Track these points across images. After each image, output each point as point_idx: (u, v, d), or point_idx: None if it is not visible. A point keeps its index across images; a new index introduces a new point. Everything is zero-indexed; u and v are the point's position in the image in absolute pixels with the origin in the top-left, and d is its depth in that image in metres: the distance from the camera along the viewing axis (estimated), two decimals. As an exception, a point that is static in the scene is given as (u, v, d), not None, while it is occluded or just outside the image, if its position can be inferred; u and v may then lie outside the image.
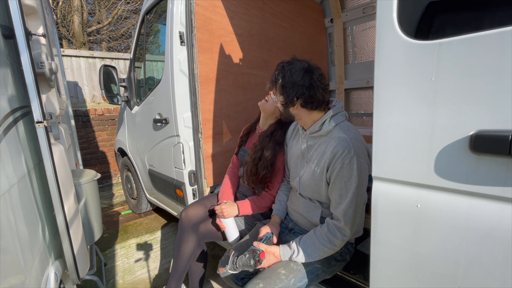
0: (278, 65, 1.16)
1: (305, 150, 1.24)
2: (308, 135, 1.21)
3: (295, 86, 1.10)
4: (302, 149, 1.26)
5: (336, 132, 1.12)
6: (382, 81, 0.76)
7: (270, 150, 1.46)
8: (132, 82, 2.57)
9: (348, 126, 1.14)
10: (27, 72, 1.02)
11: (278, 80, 1.13)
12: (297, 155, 1.30)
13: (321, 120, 1.15)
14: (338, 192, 1.09)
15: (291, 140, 1.40)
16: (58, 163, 1.17)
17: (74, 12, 6.32)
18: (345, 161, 1.05)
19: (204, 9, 1.76)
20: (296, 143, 1.33)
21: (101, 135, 4.43)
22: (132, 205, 3.30)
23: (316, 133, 1.17)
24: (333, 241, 1.11)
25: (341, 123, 1.14)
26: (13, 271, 0.84)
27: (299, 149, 1.28)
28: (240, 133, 1.76)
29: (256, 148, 1.50)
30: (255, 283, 1.08)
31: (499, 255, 0.63)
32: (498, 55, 0.58)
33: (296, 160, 1.31)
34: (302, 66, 1.11)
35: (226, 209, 1.51)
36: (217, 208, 1.55)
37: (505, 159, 0.59)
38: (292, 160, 1.35)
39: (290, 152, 1.38)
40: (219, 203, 1.59)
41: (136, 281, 2.08)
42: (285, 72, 1.11)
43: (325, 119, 1.14)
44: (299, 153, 1.28)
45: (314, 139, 1.20)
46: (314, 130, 1.17)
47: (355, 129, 1.14)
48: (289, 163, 1.39)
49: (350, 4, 2.76)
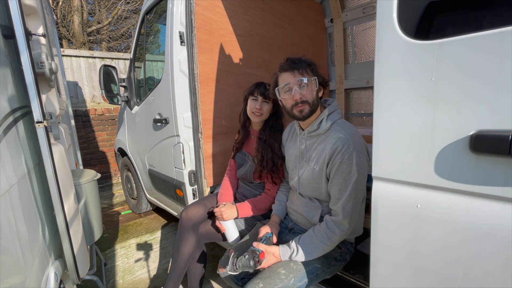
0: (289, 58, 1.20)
1: (304, 150, 1.25)
2: (307, 135, 1.22)
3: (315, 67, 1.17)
4: (301, 149, 1.27)
5: (334, 129, 1.14)
6: (382, 81, 0.76)
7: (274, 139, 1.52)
8: (132, 82, 2.57)
9: (345, 123, 1.17)
10: (27, 72, 1.02)
11: (304, 62, 1.16)
12: (296, 155, 1.31)
13: (318, 119, 1.17)
14: (337, 187, 1.10)
15: (288, 141, 1.41)
16: (58, 163, 1.17)
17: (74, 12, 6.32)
18: (344, 156, 1.07)
19: (204, 9, 1.76)
20: (293, 144, 1.34)
21: (101, 135, 4.43)
22: (132, 205, 3.30)
23: (314, 132, 1.18)
24: (332, 238, 1.11)
25: (338, 121, 1.17)
26: (13, 271, 0.84)
27: (297, 150, 1.29)
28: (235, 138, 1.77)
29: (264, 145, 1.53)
30: (255, 283, 1.08)
31: (499, 255, 0.63)
32: (498, 55, 0.58)
33: (295, 160, 1.31)
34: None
35: (225, 212, 1.51)
36: (216, 210, 1.55)
37: (505, 159, 0.59)
38: (291, 161, 1.35)
39: (288, 153, 1.39)
40: (218, 205, 1.59)
41: (136, 281, 2.08)
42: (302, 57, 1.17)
43: (322, 117, 1.17)
44: (298, 154, 1.29)
45: (312, 138, 1.22)
46: (312, 129, 1.19)
47: (352, 125, 1.17)
48: (288, 165, 1.40)
49: (350, 4, 2.76)
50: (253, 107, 1.54)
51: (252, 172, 1.63)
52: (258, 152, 1.55)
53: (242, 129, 1.70)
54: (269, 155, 1.51)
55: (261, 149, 1.53)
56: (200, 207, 1.69)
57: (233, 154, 1.76)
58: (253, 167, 1.62)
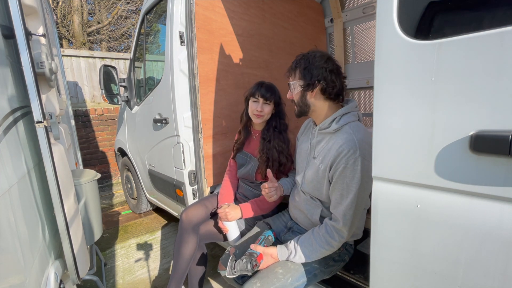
0: (298, 56, 1.17)
1: (313, 145, 1.23)
2: (318, 131, 1.20)
3: (318, 68, 1.10)
4: (311, 144, 1.25)
5: (344, 131, 1.09)
6: (382, 81, 0.76)
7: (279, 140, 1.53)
8: (132, 82, 2.57)
9: (358, 126, 1.10)
10: (27, 72, 1.02)
11: (300, 64, 1.14)
12: (306, 150, 1.29)
13: (332, 117, 1.13)
14: (339, 192, 1.08)
15: (302, 135, 1.39)
16: (58, 163, 1.17)
17: (74, 12, 6.32)
18: (349, 161, 1.03)
19: (204, 9, 1.76)
20: (306, 138, 1.33)
21: (101, 135, 4.43)
22: (132, 205, 3.30)
23: (325, 129, 1.15)
24: (331, 243, 1.11)
25: (352, 123, 1.11)
26: (13, 271, 0.84)
27: (308, 144, 1.28)
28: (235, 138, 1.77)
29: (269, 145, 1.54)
30: (252, 282, 1.09)
31: (499, 255, 0.62)
32: (498, 55, 0.58)
33: (305, 155, 1.30)
34: (324, 54, 1.14)
35: (230, 212, 1.51)
36: (220, 211, 1.54)
37: (505, 159, 0.59)
38: (301, 155, 1.34)
39: (300, 147, 1.37)
40: (220, 206, 1.58)
41: (136, 281, 2.08)
42: (309, 57, 1.13)
43: (335, 116, 1.13)
44: (308, 148, 1.28)
45: (322, 135, 1.19)
46: (323, 127, 1.16)
47: (365, 130, 1.10)
48: (298, 158, 1.39)
49: (350, 4, 2.76)
50: (254, 109, 1.54)
51: (254, 172, 1.63)
52: (263, 153, 1.54)
53: (243, 129, 1.70)
54: (274, 155, 1.51)
55: (266, 150, 1.54)
56: (200, 208, 1.68)
57: (234, 155, 1.76)
58: (255, 167, 1.62)
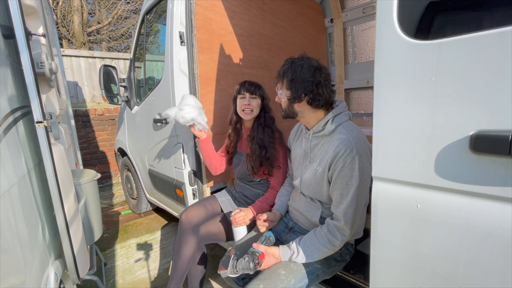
0: (287, 60, 1.16)
1: (309, 149, 1.24)
2: (312, 135, 1.21)
3: (304, 82, 1.10)
4: (305, 149, 1.26)
5: (338, 131, 1.12)
6: (382, 81, 0.76)
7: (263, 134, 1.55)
8: (132, 82, 2.57)
9: (351, 125, 1.13)
10: (27, 72, 1.02)
11: (288, 74, 1.13)
12: (301, 155, 1.30)
13: (324, 119, 1.15)
14: (339, 192, 1.09)
15: (295, 140, 1.40)
16: (58, 163, 1.17)
17: (74, 12, 6.32)
18: (346, 160, 1.05)
19: (204, 9, 1.76)
20: (299, 143, 1.33)
21: (101, 135, 4.43)
22: (132, 205, 3.30)
23: (319, 132, 1.17)
24: (333, 242, 1.11)
25: (344, 123, 1.14)
26: (13, 271, 0.84)
27: (303, 149, 1.29)
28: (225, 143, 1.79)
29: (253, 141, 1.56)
30: (255, 284, 1.08)
31: (499, 255, 0.62)
32: (498, 55, 0.58)
33: (300, 160, 1.31)
34: (312, 64, 1.12)
35: (247, 216, 1.49)
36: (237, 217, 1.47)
37: (505, 159, 0.59)
38: (296, 160, 1.35)
39: (294, 152, 1.38)
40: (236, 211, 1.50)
41: (136, 281, 2.08)
42: (296, 67, 1.11)
43: (328, 118, 1.14)
44: (303, 153, 1.29)
45: (317, 139, 1.20)
46: (317, 130, 1.17)
47: (358, 129, 1.13)
48: (293, 164, 1.40)
49: (350, 4, 2.76)
50: (242, 104, 1.57)
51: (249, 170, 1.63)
52: (249, 149, 1.59)
53: (233, 131, 1.71)
54: (257, 151, 1.53)
55: (250, 145, 1.57)
56: (200, 209, 1.68)
57: (230, 158, 1.77)
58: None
